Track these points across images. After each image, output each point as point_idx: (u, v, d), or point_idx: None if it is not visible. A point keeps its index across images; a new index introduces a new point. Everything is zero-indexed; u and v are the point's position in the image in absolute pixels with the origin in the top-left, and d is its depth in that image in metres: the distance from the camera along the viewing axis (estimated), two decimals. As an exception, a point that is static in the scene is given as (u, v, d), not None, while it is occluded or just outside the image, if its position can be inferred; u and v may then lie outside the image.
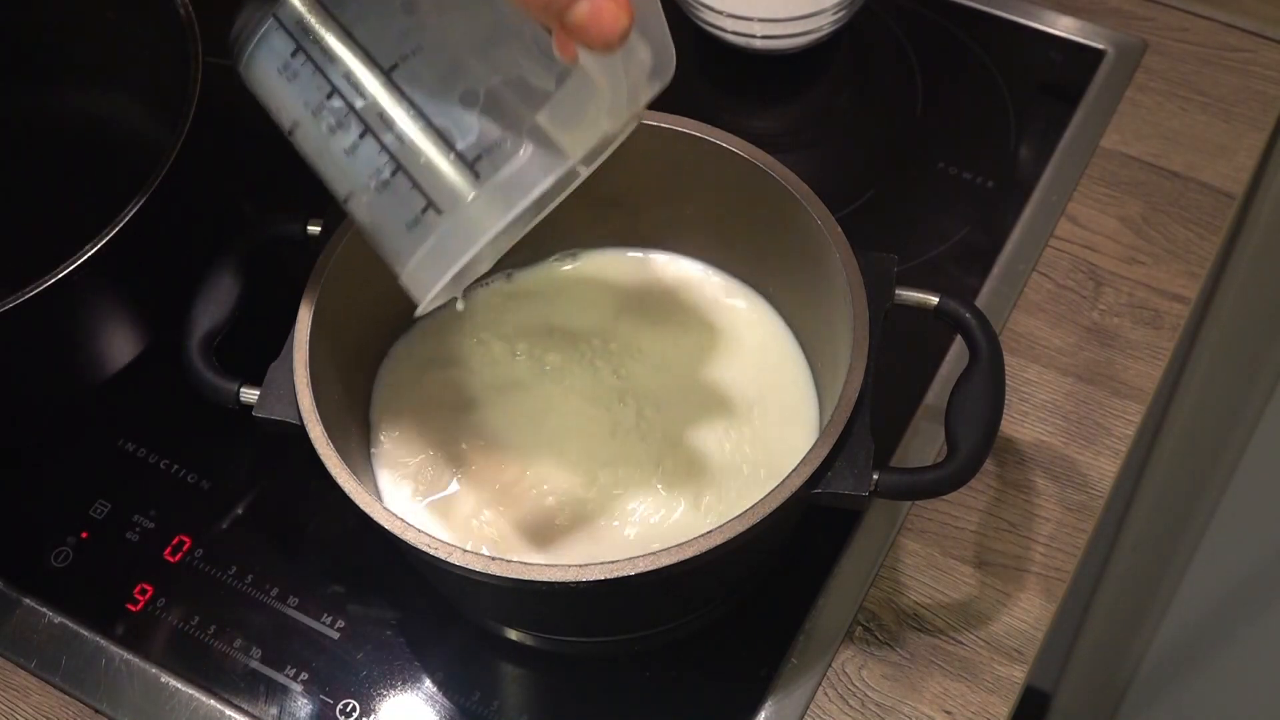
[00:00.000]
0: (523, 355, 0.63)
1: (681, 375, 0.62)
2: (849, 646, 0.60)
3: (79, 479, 0.66)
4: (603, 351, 0.63)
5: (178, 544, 0.64)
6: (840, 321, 0.55)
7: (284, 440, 0.54)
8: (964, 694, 0.59)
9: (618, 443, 0.60)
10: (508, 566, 0.48)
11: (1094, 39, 0.80)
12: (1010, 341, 0.68)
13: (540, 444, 0.60)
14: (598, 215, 0.64)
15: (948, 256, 0.72)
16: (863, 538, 0.62)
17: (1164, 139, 0.75)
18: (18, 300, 0.57)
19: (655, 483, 0.59)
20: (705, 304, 0.64)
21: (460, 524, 0.58)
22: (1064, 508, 0.63)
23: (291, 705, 0.59)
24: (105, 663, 0.61)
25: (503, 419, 0.61)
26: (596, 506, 0.58)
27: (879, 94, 0.81)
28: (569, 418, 0.61)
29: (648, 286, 0.65)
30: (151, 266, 0.64)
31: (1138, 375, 0.67)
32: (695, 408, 0.61)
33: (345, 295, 0.57)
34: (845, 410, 0.51)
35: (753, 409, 0.61)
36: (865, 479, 0.51)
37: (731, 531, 0.49)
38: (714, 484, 0.59)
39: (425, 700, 0.60)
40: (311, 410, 0.52)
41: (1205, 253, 0.71)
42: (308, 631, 0.61)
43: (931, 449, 0.65)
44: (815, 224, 0.57)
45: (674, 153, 0.60)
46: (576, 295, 0.65)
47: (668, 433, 0.60)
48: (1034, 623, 0.60)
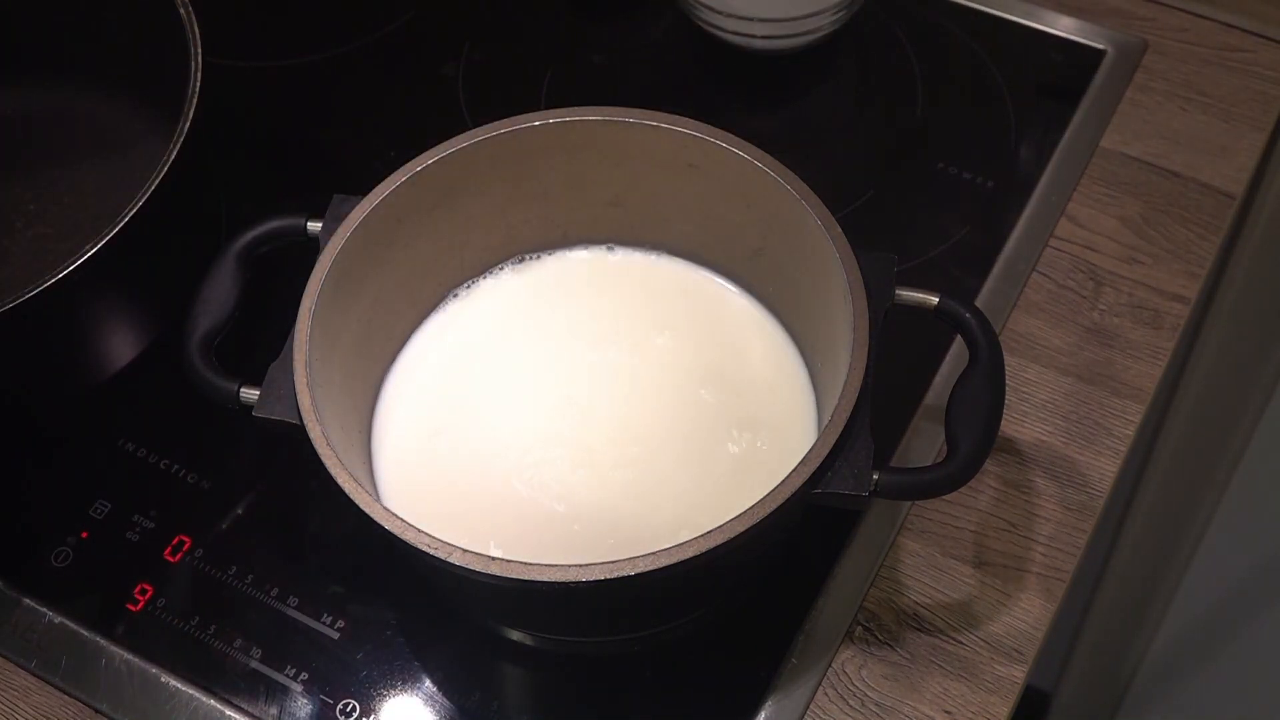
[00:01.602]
0: (523, 353, 0.63)
1: (680, 375, 0.62)
2: (849, 646, 0.60)
3: (79, 479, 0.66)
4: (603, 351, 0.63)
5: (178, 544, 0.64)
6: (840, 321, 0.55)
7: (284, 440, 0.54)
8: (964, 694, 0.59)
9: (618, 442, 0.60)
10: (508, 566, 0.48)
11: (1094, 39, 0.80)
12: (1010, 341, 0.68)
13: (541, 443, 0.60)
14: (597, 215, 0.64)
15: (948, 256, 0.72)
16: (863, 538, 0.62)
17: (1164, 139, 0.75)
18: (18, 300, 0.57)
19: (655, 482, 0.59)
20: (704, 304, 0.64)
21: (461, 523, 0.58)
22: (1064, 508, 0.63)
23: (291, 705, 0.59)
24: (105, 663, 0.61)
25: (504, 418, 0.61)
26: (596, 505, 0.58)
27: (879, 94, 0.81)
28: (569, 417, 0.61)
29: (647, 286, 0.65)
30: (151, 266, 0.65)
31: (1138, 375, 0.67)
32: (694, 407, 0.61)
33: (345, 295, 0.57)
34: (845, 410, 0.51)
35: (752, 409, 0.61)
36: (865, 479, 0.51)
37: (731, 531, 0.48)
38: (713, 484, 0.59)
39: (425, 700, 0.60)
40: (311, 410, 0.52)
41: (1205, 253, 0.71)
42: (308, 631, 0.61)
43: (931, 449, 0.65)
44: (815, 224, 0.57)
45: (674, 152, 0.60)
46: (576, 294, 0.65)
47: (666, 433, 0.60)
48: (1034, 622, 0.60)
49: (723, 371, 0.62)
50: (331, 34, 0.85)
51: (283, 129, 0.80)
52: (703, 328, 0.64)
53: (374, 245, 0.58)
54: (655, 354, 0.63)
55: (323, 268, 0.56)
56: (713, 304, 0.64)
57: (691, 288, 0.65)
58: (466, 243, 0.64)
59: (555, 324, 0.64)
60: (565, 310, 0.64)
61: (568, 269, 0.66)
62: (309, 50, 0.84)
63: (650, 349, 0.63)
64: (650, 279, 0.65)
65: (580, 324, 0.64)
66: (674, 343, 0.63)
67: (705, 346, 0.63)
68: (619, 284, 0.65)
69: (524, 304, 0.65)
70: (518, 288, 0.65)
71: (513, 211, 0.63)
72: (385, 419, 0.61)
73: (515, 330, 0.64)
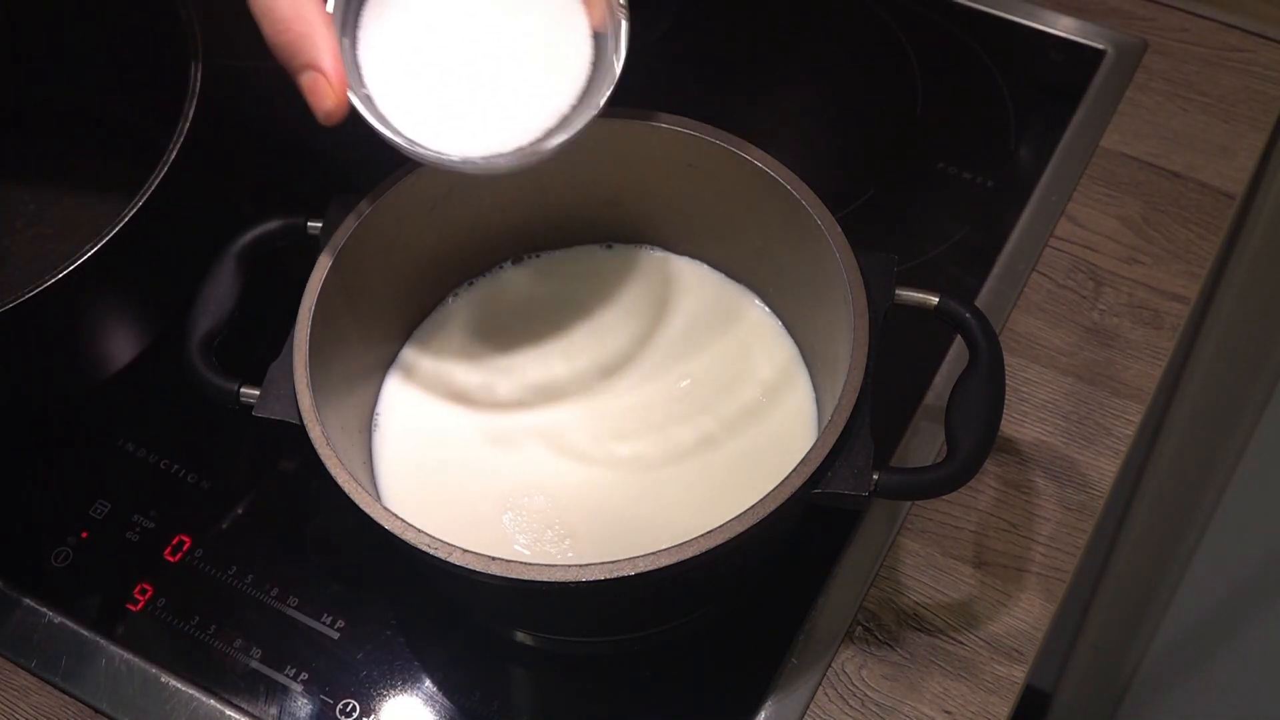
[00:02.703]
0: (523, 353, 0.63)
1: (680, 375, 0.62)
2: (849, 646, 0.60)
3: (79, 479, 0.66)
4: (603, 351, 0.63)
5: (178, 544, 0.64)
6: (840, 321, 0.55)
7: (284, 440, 0.54)
8: (964, 694, 0.59)
9: (618, 442, 0.60)
10: (508, 566, 0.48)
11: (1094, 39, 0.80)
12: (1010, 341, 0.68)
13: (541, 442, 0.60)
14: (598, 214, 0.64)
15: (948, 256, 0.72)
16: (863, 538, 0.62)
17: (1164, 139, 0.75)
18: (18, 300, 0.57)
19: (654, 482, 0.59)
20: (704, 304, 0.64)
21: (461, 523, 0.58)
22: (1064, 508, 0.63)
23: (291, 705, 0.59)
24: (105, 663, 0.61)
25: (504, 416, 0.61)
26: (596, 505, 0.58)
27: (879, 94, 0.81)
28: (569, 416, 0.61)
29: (647, 286, 0.65)
30: (151, 266, 0.65)
31: (1138, 375, 0.67)
32: (693, 408, 0.61)
33: (346, 295, 0.57)
34: (845, 410, 0.51)
35: (752, 409, 0.61)
36: (865, 479, 0.51)
37: (731, 531, 0.48)
38: (713, 484, 0.59)
39: (425, 700, 0.60)
40: (311, 410, 0.52)
41: (1205, 253, 0.71)
42: (308, 631, 0.61)
43: (931, 449, 0.65)
44: (815, 224, 0.57)
45: (674, 152, 0.60)
46: (576, 293, 0.65)
47: (665, 433, 0.60)
48: (1034, 623, 0.60)
49: (723, 371, 0.62)
50: (331, 34, 0.84)
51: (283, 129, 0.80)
52: (703, 327, 0.64)
53: (374, 245, 0.58)
54: (655, 353, 0.63)
55: (323, 268, 0.56)
56: (713, 304, 0.64)
57: (691, 287, 0.65)
58: (466, 243, 0.64)
59: (555, 323, 0.64)
60: (565, 310, 0.64)
61: (567, 268, 0.66)
62: (309, 50, 0.83)
63: (650, 349, 0.63)
64: (650, 278, 0.65)
65: (580, 323, 0.64)
66: (674, 343, 0.63)
67: (705, 346, 0.63)
68: (618, 284, 0.65)
69: (524, 304, 0.65)
70: (518, 287, 0.65)
71: (513, 211, 0.63)
72: (385, 419, 0.61)
73: (515, 330, 0.64)
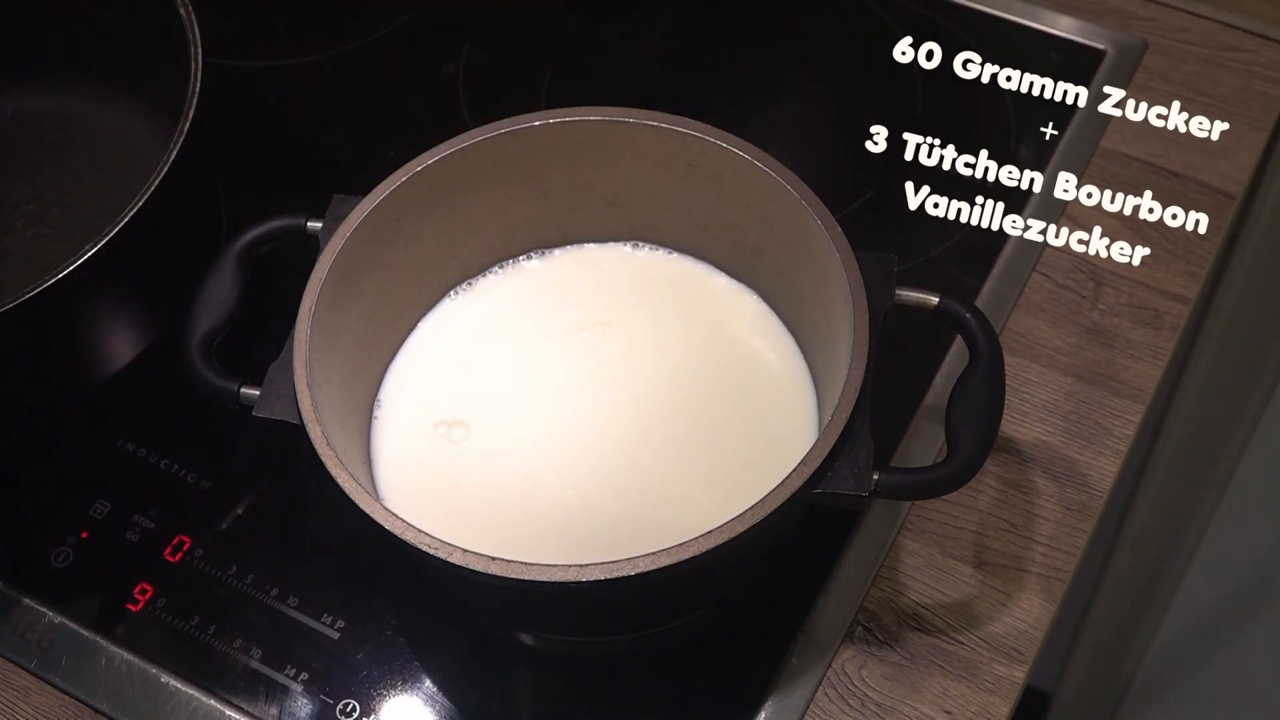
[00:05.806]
0: (523, 352, 0.63)
1: (680, 375, 0.62)
2: (849, 646, 0.60)
3: (79, 479, 0.66)
4: (603, 351, 0.63)
5: (178, 544, 0.64)
6: (840, 321, 0.55)
7: (284, 440, 0.54)
8: (964, 694, 0.59)
9: (618, 442, 0.60)
10: (508, 566, 0.48)
11: (1094, 39, 0.80)
12: (1010, 341, 0.68)
13: (541, 442, 0.60)
14: (598, 213, 0.64)
15: (948, 256, 0.72)
16: (863, 538, 0.62)
17: (1164, 139, 0.75)
18: (18, 300, 0.57)
19: (654, 482, 0.59)
20: (705, 303, 0.64)
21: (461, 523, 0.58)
22: (1064, 508, 0.63)
23: (291, 705, 0.59)
24: (105, 663, 0.61)
25: (504, 416, 0.61)
26: (596, 505, 0.58)
27: (879, 94, 0.81)
28: (569, 416, 0.61)
29: (647, 285, 0.65)
30: (151, 266, 0.65)
31: (1138, 375, 0.67)
32: (694, 407, 0.61)
33: (345, 295, 0.57)
34: (845, 410, 0.51)
35: (752, 408, 0.61)
36: (865, 479, 0.51)
37: (731, 531, 0.48)
38: (713, 483, 0.59)
39: (425, 700, 0.60)
40: (311, 410, 0.52)
41: (1205, 253, 0.71)
42: (308, 631, 0.61)
43: (931, 449, 0.65)
44: (815, 224, 0.57)
45: (674, 152, 0.60)
46: (576, 293, 0.65)
47: (665, 432, 0.60)
48: (1034, 623, 0.60)
49: (723, 371, 0.62)
50: (331, 34, 0.85)
51: (283, 129, 0.80)
52: (703, 327, 0.64)
53: (374, 245, 0.58)
54: (654, 353, 0.63)
55: (323, 268, 0.56)
56: (713, 303, 0.64)
57: (692, 287, 0.65)
58: (466, 243, 0.64)
59: (555, 323, 0.64)
60: (565, 309, 0.64)
61: (567, 268, 0.66)
62: (309, 50, 0.84)
63: (650, 348, 0.63)
64: (650, 278, 0.65)
65: (580, 323, 0.64)
66: (674, 342, 0.63)
67: (705, 346, 0.63)
68: (618, 283, 0.65)
69: (524, 303, 0.65)
70: (517, 287, 0.65)
71: (513, 211, 0.63)
72: (385, 419, 0.61)
73: (515, 329, 0.64)
